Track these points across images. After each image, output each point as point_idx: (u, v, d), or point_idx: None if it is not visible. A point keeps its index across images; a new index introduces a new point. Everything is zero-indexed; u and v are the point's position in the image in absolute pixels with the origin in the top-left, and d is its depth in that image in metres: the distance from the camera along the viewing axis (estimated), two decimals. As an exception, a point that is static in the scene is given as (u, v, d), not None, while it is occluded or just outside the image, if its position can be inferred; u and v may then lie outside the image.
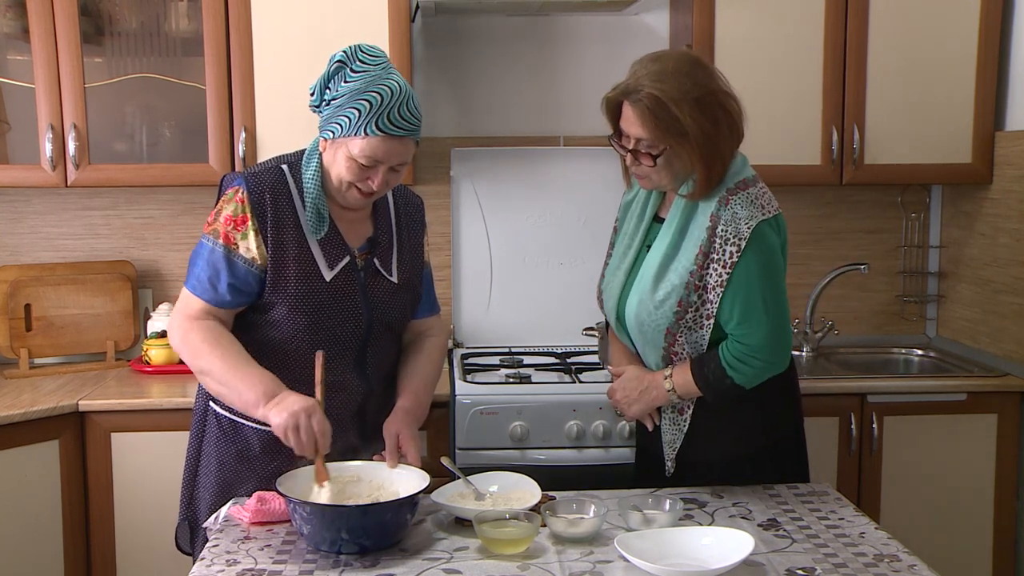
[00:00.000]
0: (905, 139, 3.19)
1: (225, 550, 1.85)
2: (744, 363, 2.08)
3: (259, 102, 3.03)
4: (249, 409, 1.97)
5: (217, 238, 2.04)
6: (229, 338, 2.03)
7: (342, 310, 2.08)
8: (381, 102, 1.96)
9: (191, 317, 2.04)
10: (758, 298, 2.07)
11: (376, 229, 2.17)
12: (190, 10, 3.11)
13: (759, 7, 3.11)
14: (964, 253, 3.42)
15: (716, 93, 2.07)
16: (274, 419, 1.91)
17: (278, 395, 1.94)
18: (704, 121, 2.03)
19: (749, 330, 2.07)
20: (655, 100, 2.02)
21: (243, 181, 2.05)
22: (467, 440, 2.76)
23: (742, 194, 2.08)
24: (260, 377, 1.97)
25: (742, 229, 2.05)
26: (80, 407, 2.82)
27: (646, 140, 2.07)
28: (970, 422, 3.02)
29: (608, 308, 2.29)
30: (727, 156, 2.10)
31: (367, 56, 2.00)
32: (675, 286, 2.09)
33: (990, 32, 3.16)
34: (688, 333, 2.12)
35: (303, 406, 1.91)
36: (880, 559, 1.80)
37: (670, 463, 2.21)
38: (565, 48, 3.46)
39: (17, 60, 3.14)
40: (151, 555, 2.82)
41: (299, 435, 1.90)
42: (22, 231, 3.39)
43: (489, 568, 1.75)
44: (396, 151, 2.00)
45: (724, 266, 2.05)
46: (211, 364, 1.99)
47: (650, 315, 2.13)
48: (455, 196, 3.40)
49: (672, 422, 2.20)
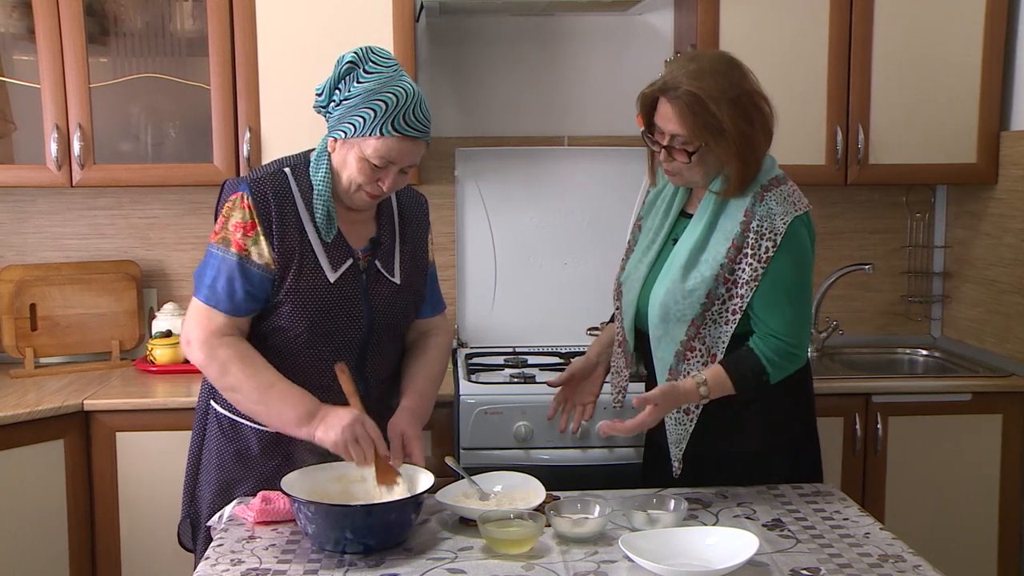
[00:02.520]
0: (910, 139, 3.18)
1: (230, 549, 1.85)
2: (783, 358, 2.11)
3: (263, 102, 3.03)
4: (289, 429, 1.98)
5: (228, 247, 2.02)
6: (257, 355, 2.02)
7: (344, 312, 2.08)
8: (397, 103, 1.96)
9: (215, 333, 2.01)
10: (794, 293, 2.11)
11: (379, 230, 2.17)
12: (195, 10, 3.11)
13: (763, 7, 3.11)
14: (969, 253, 3.41)
15: (751, 93, 2.11)
16: (327, 437, 1.93)
17: (319, 412, 1.96)
18: (740, 120, 2.07)
19: (786, 326, 2.10)
20: (693, 97, 2.05)
21: (247, 187, 2.04)
22: (471, 440, 2.76)
23: (776, 191, 2.12)
24: (299, 396, 1.98)
25: (777, 225, 2.08)
26: (85, 407, 2.82)
27: (682, 136, 2.10)
28: (975, 422, 3.02)
29: (627, 300, 2.29)
30: (761, 155, 2.14)
31: (379, 58, 2.00)
32: (705, 277, 2.11)
33: (995, 31, 3.15)
34: (711, 327, 2.14)
35: (352, 419, 1.93)
36: (885, 559, 1.80)
37: (677, 463, 2.21)
38: (569, 48, 3.46)
39: (23, 60, 3.15)
40: (156, 554, 2.82)
41: (359, 446, 1.92)
42: (27, 231, 3.39)
43: (493, 568, 1.76)
44: (409, 152, 2.01)
45: (759, 260, 2.08)
46: (244, 383, 1.99)
47: (677, 304, 2.13)
48: (459, 196, 3.40)
49: (678, 422, 2.20)
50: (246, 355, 2.01)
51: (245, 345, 2.03)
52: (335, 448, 1.93)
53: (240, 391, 2.00)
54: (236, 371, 1.99)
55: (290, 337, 2.07)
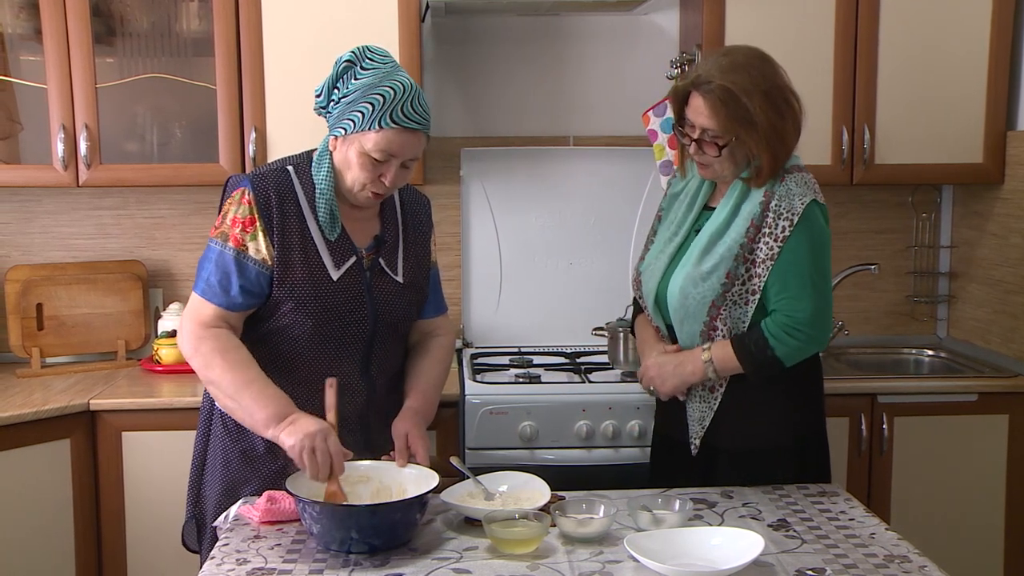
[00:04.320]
0: (916, 139, 3.18)
1: (235, 549, 1.86)
2: (789, 335, 2.12)
3: (269, 102, 3.04)
4: (258, 428, 1.96)
5: (226, 241, 2.04)
6: (242, 350, 2.01)
7: (348, 310, 2.08)
8: (394, 96, 1.97)
9: (203, 324, 2.02)
10: (806, 273, 2.13)
11: (383, 228, 2.17)
12: (201, 10, 3.12)
13: (769, 7, 3.10)
14: (975, 253, 3.40)
15: (782, 88, 2.15)
16: (287, 440, 1.90)
17: (290, 416, 1.94)
18: (772, 113, 2.10)
19: (795, 303, 2.12)
20: (726, 91, 2.09)
21: (249, 183, 2.05)
22: (477, 440, 2.76)
23: (797, 175, 2.17)
24: (273, 397, 1.96)
25: (795, 204, 2.12)
26: (91, 406, 2.82)
27: (713, 130, 2.13)
28: (981, 423, 3.01)
29: (648, 288, 2.31)
30: (790, 149, 2.18)
31: (376, 55, 2.02)
32: (724, 257, 2.14)
33: (1002, 31, 3.15)
34: (732, 308, 2.16)
35: (318, 428, 1.90)
36: (891, 560, 1.80)
37: (696, 440, 2.22)
38: (575, 48, 3.46)
39: (29, 60, 3.16)
40: (161, 554, 2.82)
41: (314, 457, 1.88)
42: (34, 231, 3.40)
43: (499, 568, 1.76)
44: (409, 144, 2.01)
45: (776, 239, 2.11)
46: (222, 377, 1.98)
47: (696, 286, 2.16)
48: (465, 196, 3.40)
49: (702, 399, 2.23)
50: (230, 349, 2.00)
51: (232, 340, 2.02)
52: (291, 453, 1.90)
53: (218, 386, 1.99)
54: (217, 365, 1.98)
55: (295, 336, 2.07)
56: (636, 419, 2.74)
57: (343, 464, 1.92)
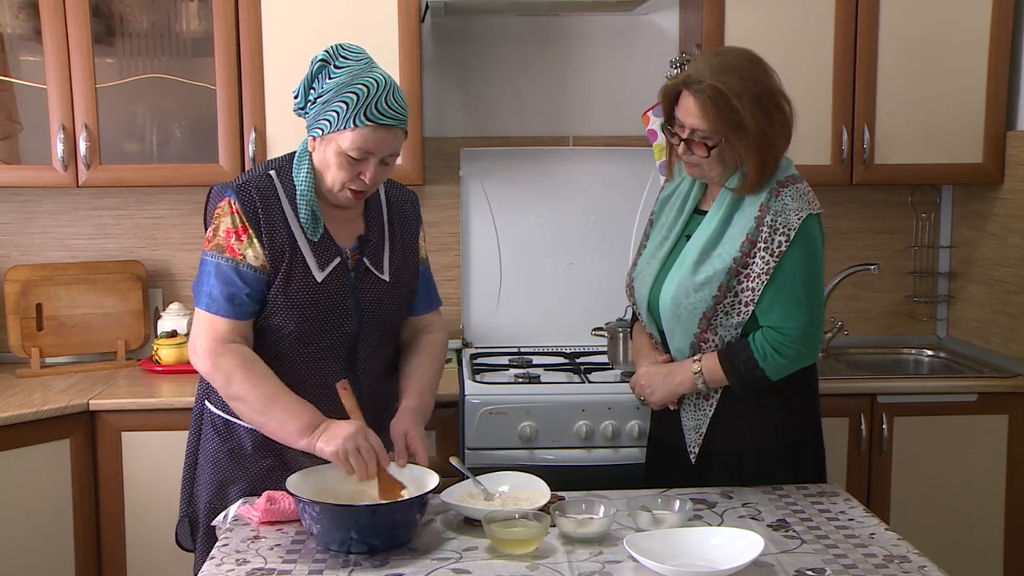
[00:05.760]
0: (916, 139, 3.18)
1: (235, 549, 1.86)
2: (778, 352, 2.12)
3: (269, 102, 3.04)
4: (291, 440, 1.97)
5: (222, 253, 2.03)
6: (261, 363, 2.02)
7: (332, 311, 2.08)
8: (368, 93, 1.97)
9: (219, 340, 2.02)
10: (800, 289, 2.12)
11: (367, 227, 2.16)
12: (200, 11, 3.11)
13: (769, 7, 3.10)
14: (975, 253, 3.40)
15: (774, 92, 2.13)
16: (326, 448, 1.92)
17: (321, 424, 1.96)
18: (761, 117, 2.09)
19: (787, 320, 2.12)
20: (717, 92, 2.07)
21: (233, 192, 2.05)
22: (476, 440, 2.76)
23: (792, 187, 2.15)
24: (302, 408, 1.98)
25: (792, 220, 2.10)
26: (91, 406, 2.83)
27: (702, 131, 2.11)
28: (981, 423, 3.01)
29: (640, 295, 2.30)
30: (779, 154, 2.16)
31: (350, 53, 2.02)
32: (717, 270, 2.13)
33: (1002, 31, 3.15)
34: (723, 319, 2.15)
35: (353, 430, 1.93)
36: (890, 560, 1.80)
37: (695, 448, 2.22)
38: (575, 48, 3.46)
39: (29, 61, 3.16)
40: (161, 553, 2.82)
41: (360, 457, 1.91)
42: (33, 231, 3.40)
43: (498, 568, 1.76)
44: (386, 141, 2.01)
45: (772, 254, 2.10)
46: (248, 392, 1.99)
47: (688, 297, 2.15)
48: (464, 196, 3.40)
49: (697, 407, 2.23)
50: (250, 364, 2.01)
51: (250, 354, 2.03)
52: (335, 459, 1.92)
53: (244, 401, 2.00)
54: (240, 380, 1.99)
55: (281, 335, 2.07)
56: (636, 419, 2.74)
57: (387, 455, 1.96)
